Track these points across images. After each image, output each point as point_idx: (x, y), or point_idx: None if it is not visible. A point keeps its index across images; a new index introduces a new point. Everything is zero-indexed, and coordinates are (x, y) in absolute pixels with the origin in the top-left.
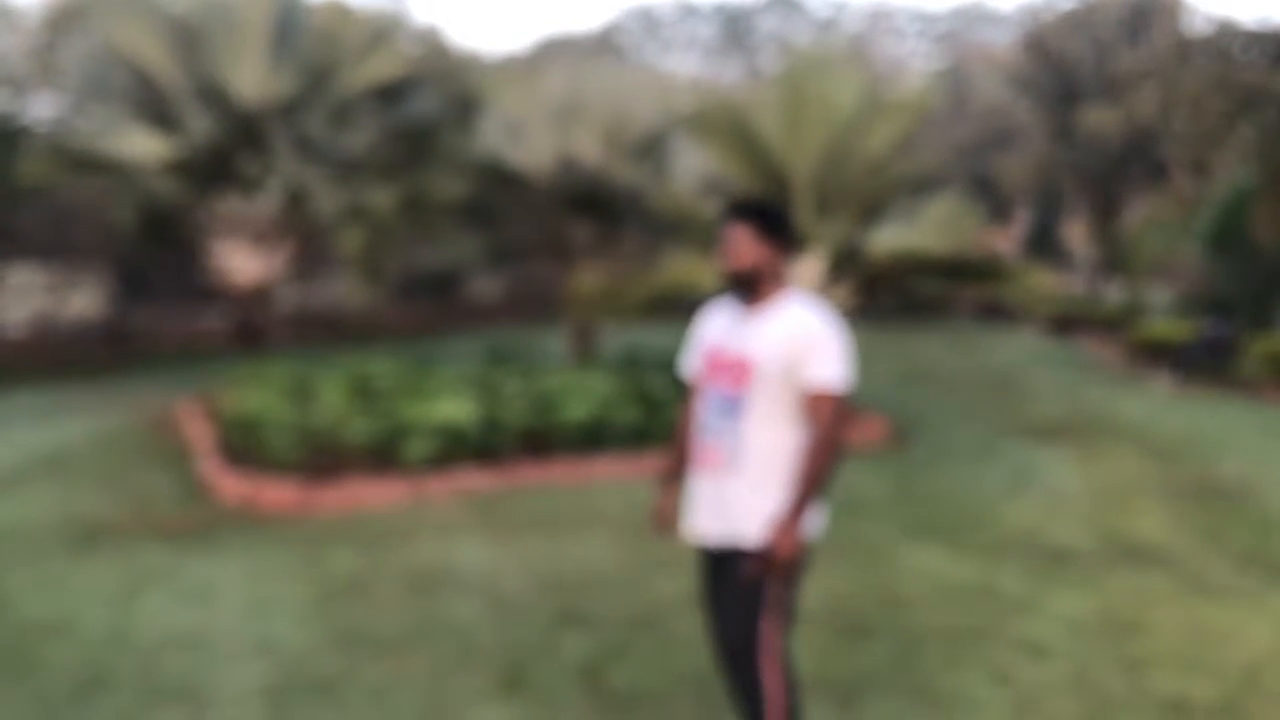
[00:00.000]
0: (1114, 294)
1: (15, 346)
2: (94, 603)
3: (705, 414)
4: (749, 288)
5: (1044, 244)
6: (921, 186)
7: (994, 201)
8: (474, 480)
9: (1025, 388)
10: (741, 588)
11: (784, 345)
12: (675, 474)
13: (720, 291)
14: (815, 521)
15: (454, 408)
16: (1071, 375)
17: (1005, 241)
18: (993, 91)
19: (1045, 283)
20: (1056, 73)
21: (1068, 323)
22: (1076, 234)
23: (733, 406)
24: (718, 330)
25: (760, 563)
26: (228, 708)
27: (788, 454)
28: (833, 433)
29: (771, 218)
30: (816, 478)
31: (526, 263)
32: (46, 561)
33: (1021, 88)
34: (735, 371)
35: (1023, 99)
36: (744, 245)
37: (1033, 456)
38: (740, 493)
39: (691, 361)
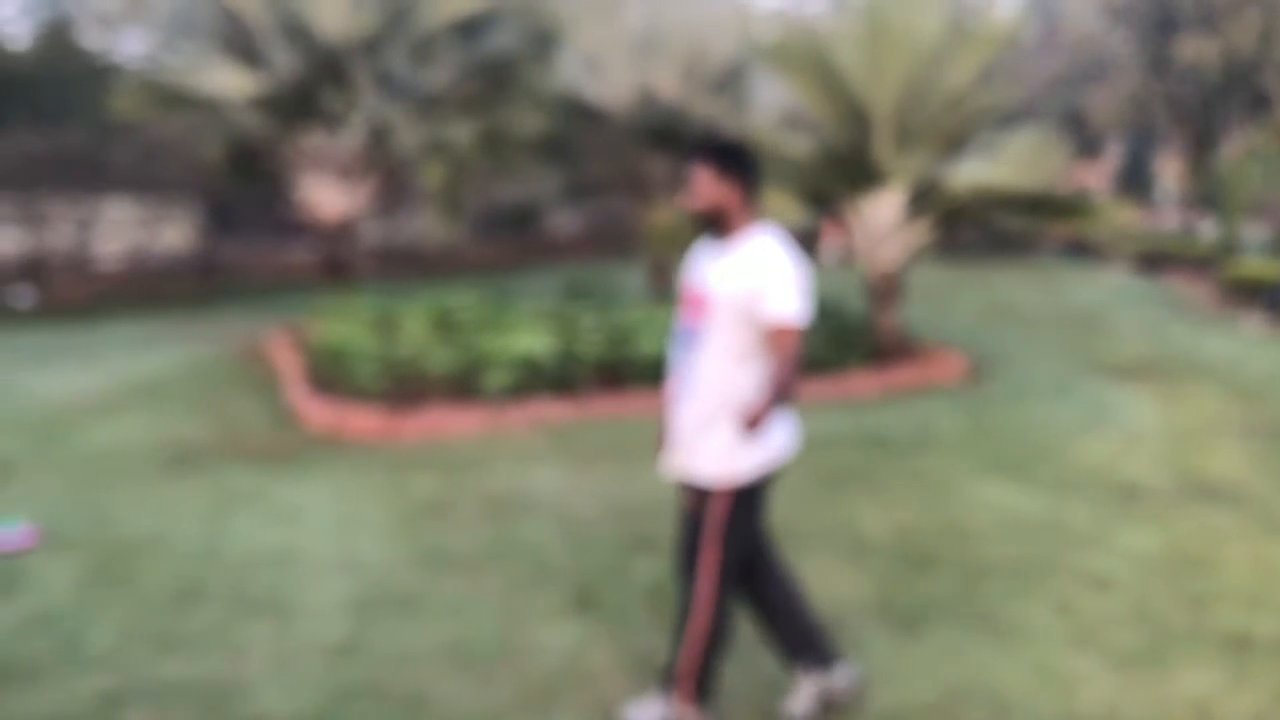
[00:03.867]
0: (1207, 231)
1: (111, 279)
2: (189, 520)
3: (676, 350)
4: (715, 225)
5: (1136, 179)
6: (1008, 119)
7: (1084, 135)
8: (550, 411)
9: (1109, 326)
10: (689, 518)
11: (741, 281)
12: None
13: (701, 230)
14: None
15: (532, 340)
16: (1158, 314)
17: (1095, 177)
18: (1086, 21)
19: (1134, 219)
20: (1153, 1)
21: (1158, 261)
22: (1170, 169)
23: (692, 341)
24: (695, 268)
25: (699, 498)
26: (314, 619)
27: (736, 391)
28: (794, 361)
29: (729, 156)
30: (781, 388)
31: (604, 198)
32: (144, 482)
33: (1116, 17)
34: (697, 307)
35: (1117, 29)
36: (704, 184)
37: (1111, 394)
38: (688, 427)
39: None
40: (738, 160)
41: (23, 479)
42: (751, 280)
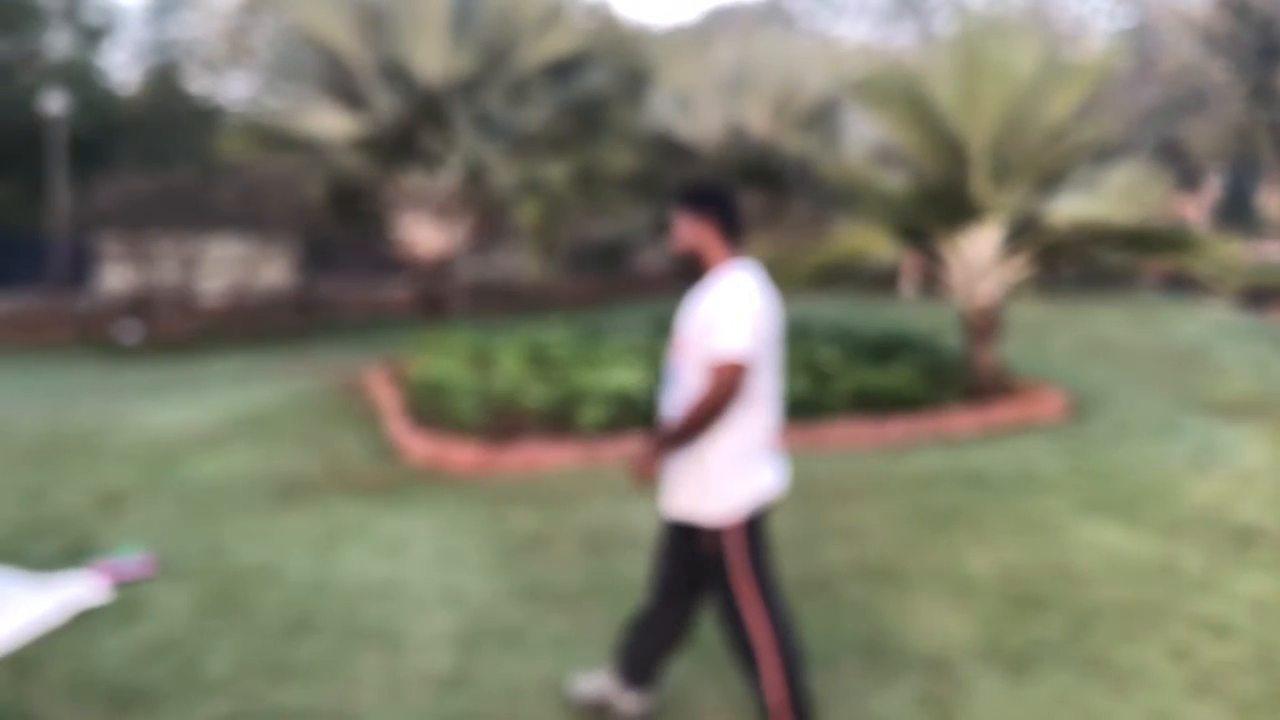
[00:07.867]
0: None
1: (213, 314)
2: (297, 552)
3: (663, 389)
4: (695, 267)
5: (1238, 211)
6: (1105, 153)
7: (1183, 167)
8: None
9: (1214, 363)
10: (706, 558)
11: (701, 317)
12: None
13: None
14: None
15: (625, 376)
16: (1265, 350)
17: (1195, 209)
18: (1183, 51)
19: (1238, 253)
20: (1255, 29)
21: (1264, 295)
22: (1275, 200)
23: (670, 380)
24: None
25: (713, 541)
26: (421, 651)
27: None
28: (720, 393)
29: (703, 198)
30: (694, 423)
31: None
32: (253, 514)
33: (1215, 46)
34: (675, 347)
35: (1217, 58)
36: (681, 229)
37: (1219, 433)
38: (672, 466)
39: None
40: (711, 200)
41: (137, 509)
42: (706, 315)
